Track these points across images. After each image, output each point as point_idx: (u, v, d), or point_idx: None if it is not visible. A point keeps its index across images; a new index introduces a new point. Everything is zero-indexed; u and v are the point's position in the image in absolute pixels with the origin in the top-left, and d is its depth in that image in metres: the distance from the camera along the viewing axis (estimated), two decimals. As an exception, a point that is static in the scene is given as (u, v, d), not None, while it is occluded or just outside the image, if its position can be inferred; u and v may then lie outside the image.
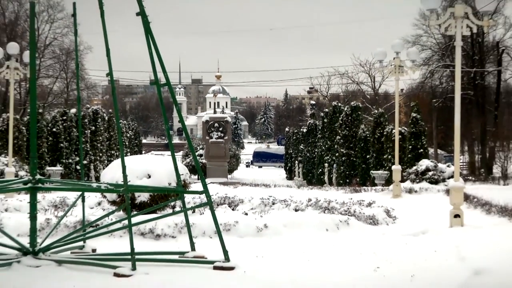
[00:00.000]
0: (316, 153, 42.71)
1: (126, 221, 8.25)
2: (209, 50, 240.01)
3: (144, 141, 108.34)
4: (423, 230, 11.65)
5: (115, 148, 42.24)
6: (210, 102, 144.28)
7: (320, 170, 40.32)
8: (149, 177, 12.26)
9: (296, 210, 13.36)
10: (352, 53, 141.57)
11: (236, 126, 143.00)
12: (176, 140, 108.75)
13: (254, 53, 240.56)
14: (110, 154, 41.35)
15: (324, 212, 12.78)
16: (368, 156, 32.67)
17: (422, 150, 28.86)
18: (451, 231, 11.58)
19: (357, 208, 13.46)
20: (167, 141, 9.05)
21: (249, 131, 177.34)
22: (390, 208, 13.88)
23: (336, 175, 35.65)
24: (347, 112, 35.38)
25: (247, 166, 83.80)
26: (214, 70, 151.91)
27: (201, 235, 10.25)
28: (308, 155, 46.54)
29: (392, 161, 23.92)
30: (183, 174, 12.44)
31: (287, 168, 60.89)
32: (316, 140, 43.42)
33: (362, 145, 33.53)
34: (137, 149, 65.91)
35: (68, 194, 14.74)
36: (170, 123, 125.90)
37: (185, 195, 9.70)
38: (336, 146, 36.02)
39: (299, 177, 49.30)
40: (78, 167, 33.67)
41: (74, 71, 46.43)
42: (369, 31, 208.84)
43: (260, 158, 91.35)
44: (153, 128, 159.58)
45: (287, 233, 10.89)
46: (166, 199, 11.96)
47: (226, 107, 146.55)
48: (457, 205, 12.34)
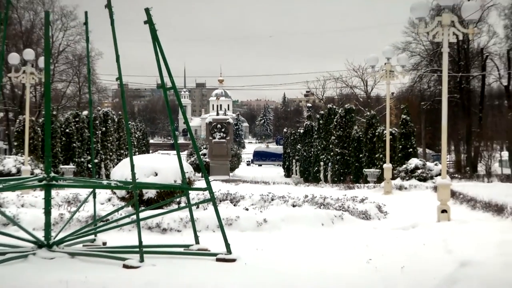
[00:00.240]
0: (312, 153, 42.73)
1: (135, 216, 8.26)
2: (212, 56, 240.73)
3: (151, 141, 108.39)
4: (413, 225, 11.65)
5: (124, 148, 42.27)
6: (213, 105, 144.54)
7: (316, 168, 40.35)
8: (156, 175, 12.27)
9: (294, 206, 13.37)
10: (346, 59, 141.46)
11: (238, 127, 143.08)
12: (181, 140, 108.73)
13: (254, 59, 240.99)
14: (120, 153, 41.39)
15: (320, 208, 12.78)
16: (361, 155, 32.70)
17: (412, 150, 28.88)
18: (439, 226, 11.58)
19: (351, 204, 13.48)
20: (173, 141, 9.04)
21: (250, 132, 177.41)
22: (382, 204, 13.91)
23: (331, 173, 35.67)
24: (341, 114, 35.40)
25: (248, 165, 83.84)
26: (217, 75, 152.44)
27: (205, 229, 10.25)
28: (305, 154, 46.56)
29: (384, 160, 23.91)
30: (188, 172, 12.44)
31: (285, 167, 60.94)
32: (312, 140, 43.45)
33: (355, 145, 33.56)
34: (145, 149, 65.98)
35: (80, 191, 14.77)
36: (176, 124, 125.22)
37: (190, 192, 9.70)
38: (331, 146, 36.04)
39: (297, 175, 49.31)
40: (90, 166, 33.68)
41: (86, 76, 46.42)
42: (362, 39, 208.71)
43: (260, 157, 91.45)
44: (160, 129, 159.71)
45: (285, 227, 10.88)
46: (172, 196, 11.98)
47: (228, 109, 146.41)
48: (444, 201, 12.35)
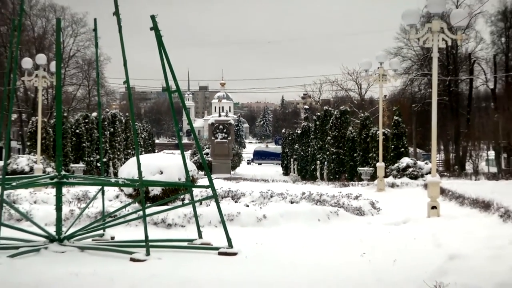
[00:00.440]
0: (309, 152, 42.71)
1: (141, 212, 8.26)
2: (215, 61, 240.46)
3: (157, 141, 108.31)
4: (404, 220, 11.65)
5: (131, 147, 42.25)
6: (215, 107, 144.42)
7: (313, 167, 40.33)
8: (161, 173, 12.27)
9: (292, 202, 13.35)
10: (341, 63, 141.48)
11: (239, 128, 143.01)
12: (185, 140, 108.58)
13: (254, 63, 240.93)
14: (127, 153, 41.38)
15: (317, 204, 12.76)
16: (355, 155, 32.69)
17: (403, 149, 28.87)
18: (429, 221, 11.59)
19: (346, 201, 13.47)
20: (177, 141, 9.05)
21: (250, 132, 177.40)
22: (375, 201, 13.88)
23: (327, 171, 35.65)
24: (337, 116, 35.39)
25: (248, 164, 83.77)
26: (219, 78, 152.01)
27: (207, 225, 10.24)
28: (302, 154, 46.53)
29: (377, 159, 23.90)
30: (191, 171, 12.44)
31: (284, 165, 60.88)
32: (309, 140, 43.43)
33: (350, 145, 33.54)
34: (151, 148, 65.97)
35: (90, 188, 14.74)
36: (180, 125, 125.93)
37: (193, 189, 9.70)
38: (327, 146, 36.03)
39: (294, 173, 49.28)
40: (99, 164, 33.65)
41: (95, 79, 46.49)
42: (356, 44, 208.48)
43: (260, 156, 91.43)
44: (165, 130, 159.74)
45: (284, 223, 10.88)
46: (176, 193, 11.97)
47: (230, 111, 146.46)
48: (434, 198, 12.36)
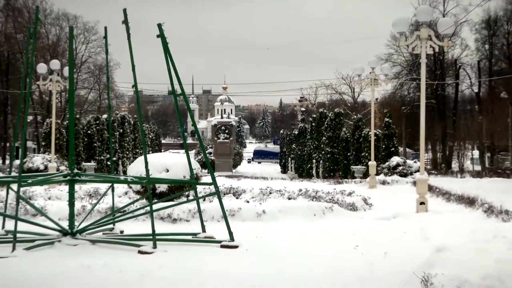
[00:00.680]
0: (306, 151, 42.70)
1: (148, 208, 8.25)
2: (217, 66, 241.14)
3: (163, 141, 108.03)
4: (394, 215, 11.64)
5: (139, 147, 42.21)
6: (218, 109, 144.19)
7: (309, 165, 40.32)
8: (167, 171, 12.25)
9: (289, 199, 13.34)
10: (336, 69, 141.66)
11: (240, 129, 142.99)
12: (190, 141, 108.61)
13: (254, 68, 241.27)
14: (135, 152, 41.35)
15: (313, 200, 12.75)
16: (349, 154, 32.69)
17: (394, 149, 28.91)
18: (418, 216, 11.58)
19: (340, 197, 13.45)
20: (182, 141, 9.04)
21: (250, 133, 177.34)
22: (367, 197, 13.87)
23: (322, 170, 35.65)
24: (331, 118, 35.38)
25: (249, 162, 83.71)
26: (221, 83, 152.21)
27: (210, 219, 10.24)
28: (299, 153, 46.52)
29: (369, 158, 23.92)
30: (196, 169, 12.42)
31: (282, 164, 60.84)
32: (306, 141, 43.41)
33: (344, 145, 33.55)
34: (157, 148, 65.84)
35: (100, 185, 14.75)
36: (185, 126, 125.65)
37: (197, 186, 9.69)
38: (322, 146, 36.02)
39: (292, 171, 49.26)
40: (109, 163, 33.66)
41: (106, 83, 46.40)
42: (350, 50, 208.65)
43: (259, 156, 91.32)
44: (171, 131, 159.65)
45: (282, 218, 10.87)
46: (181, 189, 11.96)
47: (231, 113, 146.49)
48: (422, 194, 12.35)
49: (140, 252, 7.45)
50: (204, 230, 8.75)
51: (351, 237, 8.68)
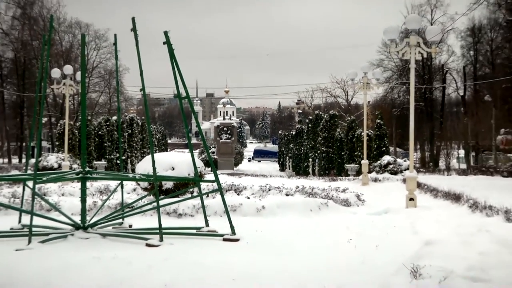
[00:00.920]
0: (303, 151, 42.71)
1: (155, 203, 8.25)
2: (220, 71, 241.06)
3: (169, 141, 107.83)
4: (385, 210, 11.64)
5: (147, 147, 42.23)
6: (220, 111, 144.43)
7: (306, 164, 40.32)
8: (173, 169, 12.26)
9: (287, 195, 13.35)
10: (331, 73, 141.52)
11: (241, 130, 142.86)
12: (194, 141, 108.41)
13: (255, 73, 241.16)
14: (143, 151, 41.37)
15: (309, 196, 12.76)
16: (343, 153, 32.69)
17: (385, 148, 28.91)
18: (407, 211, 11.58)
19: (334, 193, 13.47)
20: (187, 142, 9.03)
21: (251, 134, 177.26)
22: (360, 193, 13.89)
23: (318, 168, 35.65)
24: (327, 119, 35.39)
25: (249, 161, 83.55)
26: (224, 86, 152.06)
27: (213, 214, 10.24)
28: (296, 152, 46.53)
29: (361, 157, 23.92)
30: (199, 167, 12.44)
31: (280, 162, 60.80)
32: (303, 141, 43.42)
33: (338, 145, 33.55)
34: (164, 148, 65.88)
35: (110, 183, 14.75)
36: (189, 127, 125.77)
37: (201, 183, 9.69)
38: (318, 145, 36.03)
39: (289, 169, 49.18)
40: (118, 162, 33.68)
41: (115, 87, 46.49)
42: (344, 56, 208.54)
43: (259, 155, 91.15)
44: (176, 131, 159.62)
45: (280, 213, 10.87)
46: (186, 186, 11.97)
47: (233, 115, 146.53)
48: (412, 191, 12.35)
49: (148, 245, 7.45)
50: (208, 225, 8.75)
51: (345, 231, 8.68)
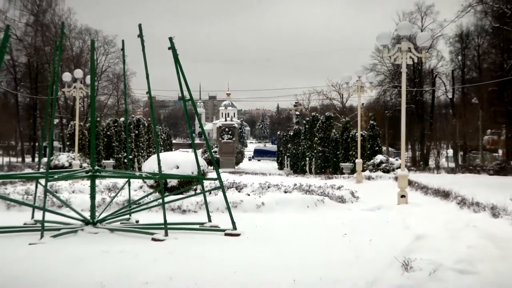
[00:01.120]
0: (300, 150, 42.66)
1: (161, 200, 8.25)
2: (222, 74, 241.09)
3: (174, 141, 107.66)
4: (378, 207, 11.63)
5: (153, 146, 42.19)
6: (222, 113, 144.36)
7: (303, 163, 40.28)
8: (177, 168, 12.25)
9: (285, 192, 13.33)
10: (327, 77, 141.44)
11: (241, 130, 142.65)
12: (197, 141, 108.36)
13: (255, 77, 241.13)
14: (149, 151, 41.32)
15: (306, 194, 12.74)
16: (338, 152, 32.65)
17: (377, 148, 28.90)
18: (399, 207, 11.57)
19: (330, 191, 13.45)
20: (191, 142, 9.03)
21: (251, 134, 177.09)
22: (354, 191, 13.87)
23: (315, 166, 35.62)
24: (323, 120, 35.35)
25: (249, 160, 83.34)
26: (225, 89, 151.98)
27: (216, 210, 10.23)
28: (294, 152, 46.47)
29: (356, 156, 23.91)
30: (202, 166, 12.39)
31: (279, 161, 60.67)
32: (300, 141, 43.37)
33: (334, 144, 33.51)
34: (169, 147, 65.68)
35: (118, 180, 14.75)
36: (193, 128, 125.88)
37: (204, 181, 9.68)
38: (315, 145, 35.99)
39: (288, 168, 49.19)
40: (126, 161, 33.62)
41: (123, 90, 46.41)
42: (339, 61, 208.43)
43: (259, 154, 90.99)
44: (181, 132, 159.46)
45: (279, 209, 10.86)
46: (190, 184, 11.96)
47: (234, 116, 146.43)
48: (403, 188, 12.34)
49: (154, 239, 7.45)
50: (210, 220, 8.75)
51: (340, 226, 8.68)
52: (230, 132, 39.25)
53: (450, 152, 44.93)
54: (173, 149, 69.59)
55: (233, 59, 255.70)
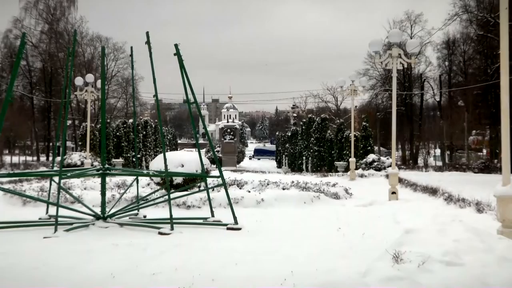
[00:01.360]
0: (297, 150, 42.66)
1: (167, 196, 8.25)
2: (224, 79, 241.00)
3: (179, 142, 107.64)
4: (371, 202, 11.64)
5: (159, 146, 42.19)
6: (224, 115, 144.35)
7: (300, 161, 40.29)
8: (183, 166, 12.24)
9: (284, 189, 13.33)
10: (322, 81, 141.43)
11: (242, 131, 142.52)
12: (201, 141, 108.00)
13: (255, 81, 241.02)
14: (156, 150, 41.32)
15: (303, 190, 12.75)
16: (333, 152, 32.67)
17: (370, 148, 28.91)
18: (390, 203, 11.59)
19: (325, 187, 13.45)
20: (195, 142, 9.04)
21: (251, 135, 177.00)
22: (348, 188, 13.87)
23: (311, 165, 35.63)
24: (318, 122, 35.36)
25: (250, 159, 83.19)
26: (227, 93, 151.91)
27: (218, 206, 10.23)
28: (292, 151, 46.47)
29: (349, 155, 23.91)
30: (206, 164, 12.43)
31: (277, 160, 60.72)
32: (297, 141, 43.36)
33: (329, 144, 33.53)
34: (174, 147, 65.69)
35: (127, 178, 14.76)
36: (197, 129, 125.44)
37: (207, 179, 9.69)
38: (311, 145, 36.00)
39: (286, 166, 49.19)
40: (134, 159, 33.65)
41: (131, 94, 46.45)
42: (333, 66, 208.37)
43: (259, 153, 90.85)
44: (185, 133, 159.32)
45: (277, 205, 10.87)
46: (194, 181, 11.97)
47: (236, 118, 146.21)
48: (394, 185, 12.36)
49: (160, 233, 7.46)
50: (213, 215, 8.75)
51: (335, 221, 8.68)
52: (232, 133, 39.23)
53: (438, 152, 45.00)
54: (179, 149, 69.51)
55: (235, 65, 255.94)
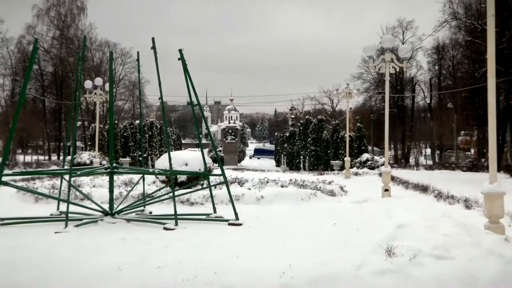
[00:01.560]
0: (295, 149, 42.64)
1: (171, 194, 8.25)
2: (226, 81, 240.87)
3: (183, 142, 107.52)
4: (365, 199, 11.65)
5: (164, 146, 42.18)
6: (226, 116, 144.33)
7: (298, 160, 40.26)
8: (186, 165, 12.24)
9: (282, 187, 13.32)
10: (318, 84, 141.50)
11: (243, 132, 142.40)
12: (204, 141, 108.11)
13: (255, 83, 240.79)
14: (161, 150, 41.32)
15: (300, 188, 12.75)
16: (329, 151, 32.67)
17: (364, 147, 28.90)
18: (383, 200, 11.59)
19: (322, 185, 13.46)
20: (198, 142, 9.03)
21: (252, 135, 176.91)
22: (343, 185, 13.88)
23: (308, 164, 35.62)
24: (315, 123, 35.36)
25: (250, 158, 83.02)
26: (229, 95, 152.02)
27: (220, 203, 10.22)
28: (290, 151, 46.45)
29: (344, 155, 23.91)
30: (208, 163, 12.39)
31: (276, 159, 60.66)
32: (295, 141, 43.35)
33: (325, 144, 33.53)
34: (179, 147, 65.70)
35: (134, 176, 14.75)
36: (200, 130, 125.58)
37: (210, 177, 9.68)
38: (308, 145, 35.99)
39: (284, 165, 49.03)
40: (140, 158, 33.65)
41: (138, 96, 46.45)
42: (329, 70, 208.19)
43: (259, 153, 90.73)
44: (189, 133, 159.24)
45: (276, 202, 10.86)
46: (197, 179, 11.97)
47: (237, 119, 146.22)
48: (387, 183, 12.36)
49: (165, 228, 7.46)
50: (215, 211, 8.75)
51: (331, 217, 8.68)
52: (233, 133, 39.23)
53: (428, 151, 45.01)
54: (183, 149, 69.51)
55: (236, 69, 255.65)
